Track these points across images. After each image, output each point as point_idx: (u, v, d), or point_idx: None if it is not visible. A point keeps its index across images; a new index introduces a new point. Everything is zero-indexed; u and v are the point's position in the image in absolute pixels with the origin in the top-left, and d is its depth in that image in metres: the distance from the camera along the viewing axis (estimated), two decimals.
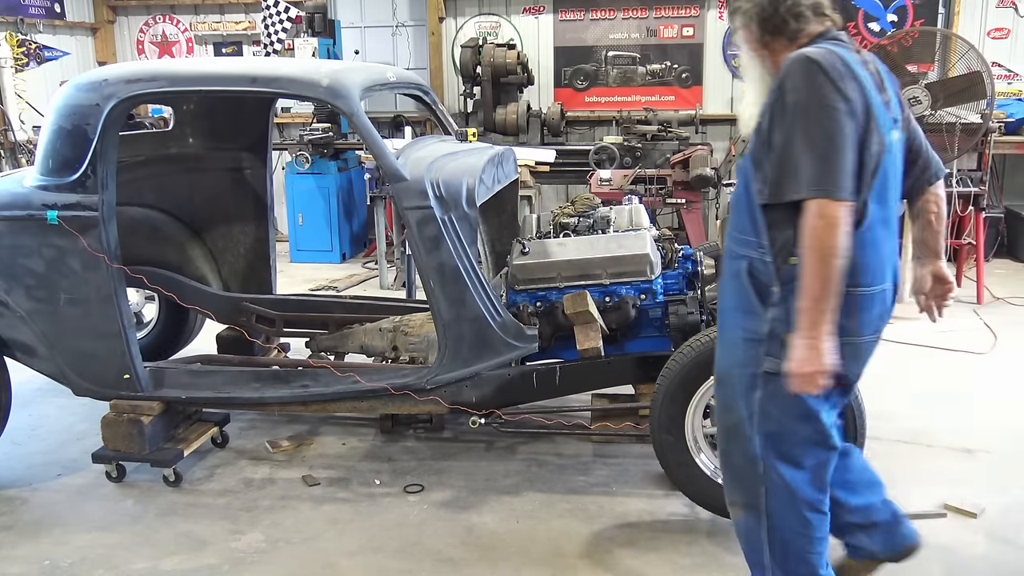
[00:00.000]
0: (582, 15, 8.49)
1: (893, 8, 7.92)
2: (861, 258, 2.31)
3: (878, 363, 4.89)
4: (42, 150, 3.61)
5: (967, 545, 3.23)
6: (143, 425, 3.71)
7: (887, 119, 2.30)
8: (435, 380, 3.61)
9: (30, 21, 8.41)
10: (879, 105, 2.27)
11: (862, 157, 2.24)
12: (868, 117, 2.23)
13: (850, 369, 2.38)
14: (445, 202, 3.46)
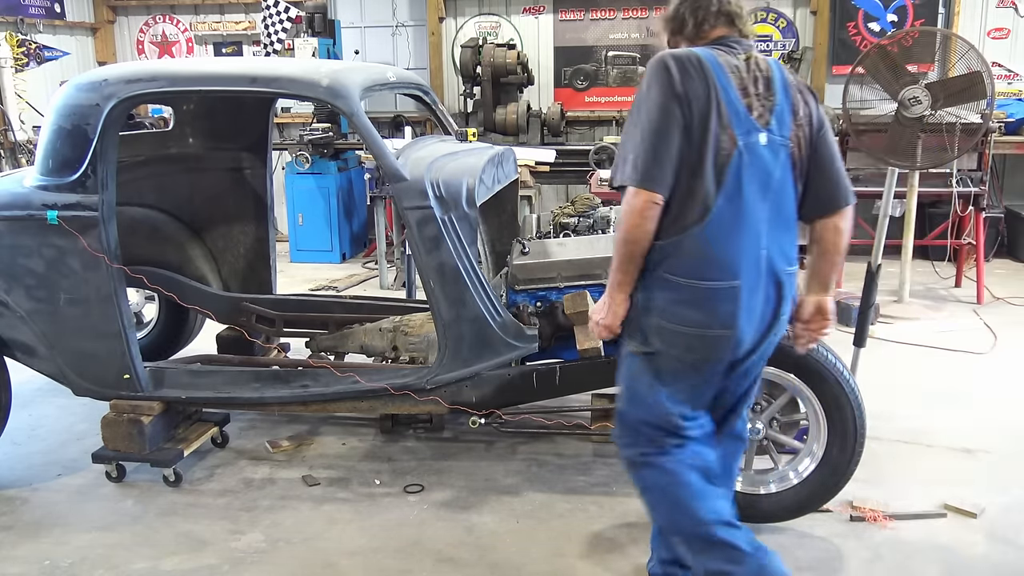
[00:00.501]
0: (582, 15, 8.49)
1: (893, 8, 7.92)
2: (705, 253, 2.40)
3: (878, 363, 4.93)
4: (42, 150, 3.61)
5: (967, 545, 3.23)
6: (143, 425, 3.71)
7: (746, 121, 2.38)
8: (435, 380, 3.61)
9: (30, 21, 8.41)
10: (733, 106, 2.36)
11: (701, 153, 2.34)
12: (710, 116, 2.34)
13: (686, 354, 2.48)
14: (445, 202, 3.46)
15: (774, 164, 2.43)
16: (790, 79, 2.50)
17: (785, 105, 2.44)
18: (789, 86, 2.47)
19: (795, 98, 2.47)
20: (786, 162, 2.45)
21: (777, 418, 3.26)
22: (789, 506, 3.24)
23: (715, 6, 2.49)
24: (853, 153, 6.60)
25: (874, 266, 4.01)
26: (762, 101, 2.41)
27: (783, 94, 2.45)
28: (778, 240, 2.50)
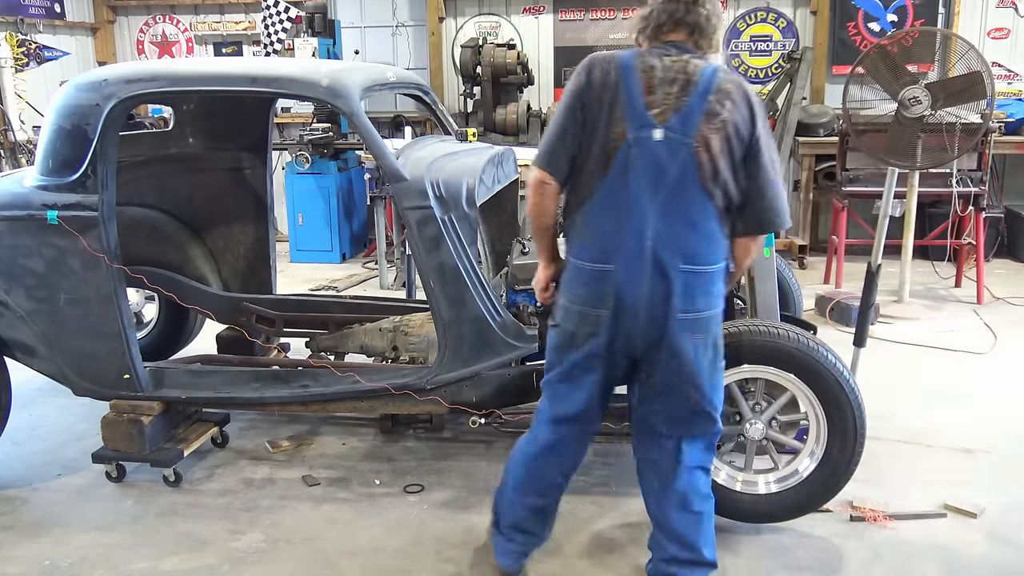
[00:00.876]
0: (582, 15, 8.49)
1: (893, 8, 7.93)
2: (579, 235, 2.70)
3: (878, 363, 4.93)
4: (42, 150, 3.61)
5: (967, 545, 3.23)
6: (143, 425, 3.71)
7: (642, 117, 2.55)
8: (435, 380, 3.61)
9: (30, 21, 8.41)
10: (632, 102, 2.56)
11: (592, 143, 2.60)
12: (605, 111, 2.57)
13: (574, 329, 2.70)
14: (445, 202, 3.47)
15: (669, 160, 2.55)
16: (725, 88, 2.56)
17: (696, 106, 2.54)
18: (713, 92, 2.55)
19: (715, 103, 2.55)
20: (687, 161, 2.55)
21: (777, 418, 3.26)
22: (789, 506, 3.24)
23: (680, 14, 2.62)
24: (853, 153, 6.60)
25: (874, 266, 4.01)
26: (668, 100, 2.55)
27: (699, 97, 2.54)
28: (671, 236, 2.58)
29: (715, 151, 2.55)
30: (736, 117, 2.56)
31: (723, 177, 2.58)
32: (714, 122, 2.54)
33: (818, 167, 7.72)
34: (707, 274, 2.61)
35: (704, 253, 2.60)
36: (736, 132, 2.57)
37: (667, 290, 2.58)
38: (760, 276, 3.43)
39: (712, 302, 2.64)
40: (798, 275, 5.48)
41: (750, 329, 3.12)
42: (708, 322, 2.65)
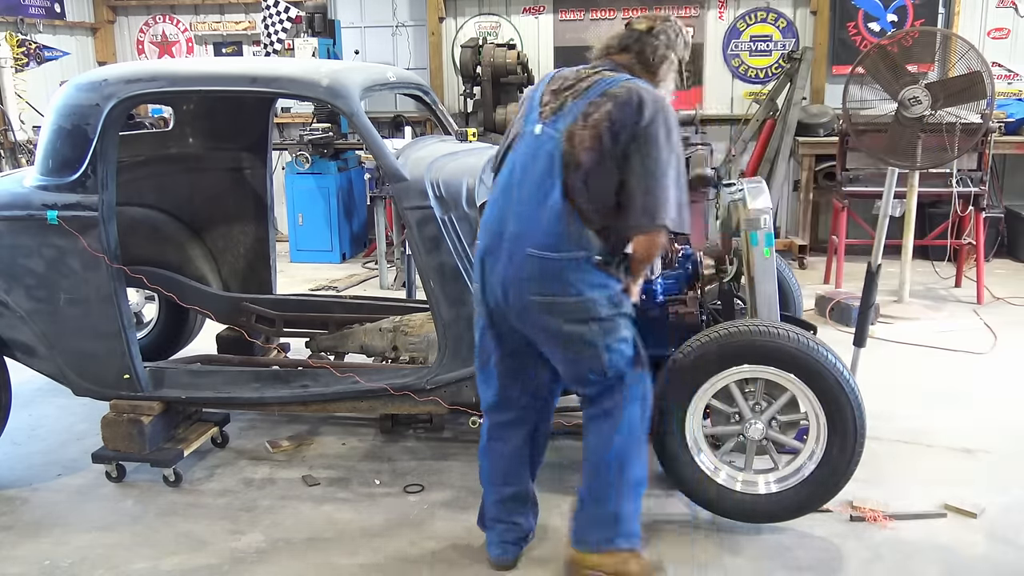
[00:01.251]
0: (582, 15, 8.49)
1: (893, 8, 7.92)
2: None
3: (878, 363, 4.93)
4: (42, 150, 3.62)
5: (967, 545, 3.23)
6: (143, 425, 3.71)
7: (533, 115, 2.87)
8: (435, 380, 3.61)
9: (30, 21, 8.41)
10: (533, 104, 2.89)
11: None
12: (519, 113, 2.97)
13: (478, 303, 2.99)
14: (445, 202, 3.47)
15: (537, 151, 2.79)
16: (614, 92, 2.72)
17: (577, 107, 2.75)
18: (598, 96, 2.74)
19: (594, 103, 2.72)
20: (552, 152, 2.74)
21: (777, 418, 3.26)
22: (789, 506, 3.24)
23: (628, 41, 2.88)
24: (853, 153, 6.60)
25: (874, 266, 4.01)
26: (557, 102, 2.80)
27: (583, 100, 2.75)
28: (526, 220, 2.78)
29: (580, 145, 2.71)
30: (615, 116, 2.69)
31: (587, 171, 2.71)
32: (589, 119, 2.71)
33: (818, 167, 7.72)
34: (558, 261, 2.73)
35: (555, 242, 2.73)
36: (610, 129, 2.69)
37: (518, 274, 2.78)
38: (760, 276, 3.43)
39: (570, 289, 2.74)
40: (798, 275, 5.48)
41: (750, 329, 3.12)
42: (568, 306, 2.76)
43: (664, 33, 2.88)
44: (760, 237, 3.38)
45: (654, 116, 2.71)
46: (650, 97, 2.73)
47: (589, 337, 2.80)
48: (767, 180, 7.15)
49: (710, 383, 3.19)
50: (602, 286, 2.78)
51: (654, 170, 2.70)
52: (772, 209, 3.42)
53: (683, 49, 2.95)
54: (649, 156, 2.70)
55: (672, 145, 2.73)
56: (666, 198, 2.70)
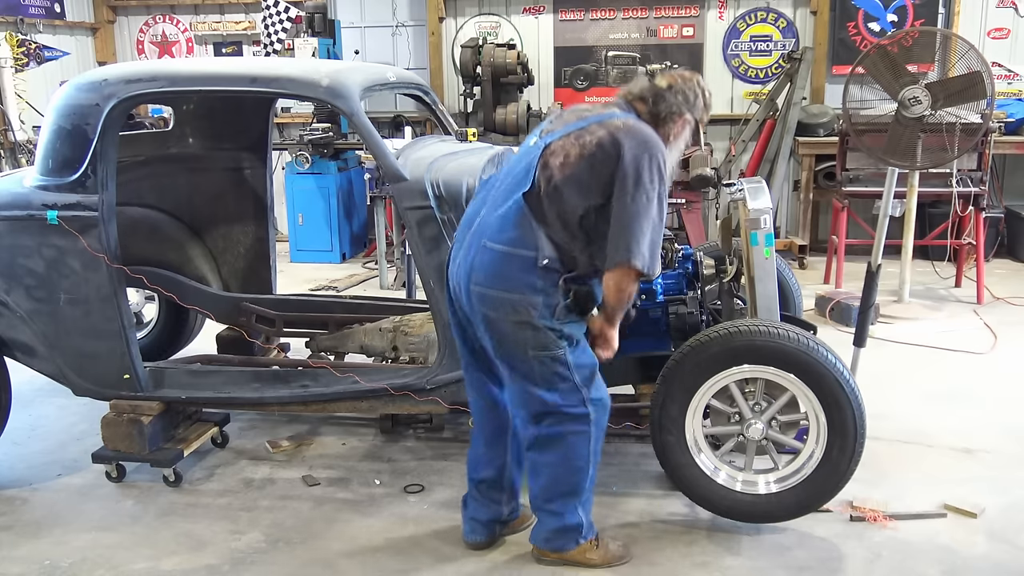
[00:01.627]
0: (582, 15, 8.49)
1: (893, 8, 7.92)
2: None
3: (878, 363, 4.93)
4: (42, 150, 3.61)
5: (967, 545, 3.23)
6: (143, 425, 3.71)
7: (536, 131, 3.02)
8: (435, 380, 3.61)
9: (30, 21, 8.41)
10: (542, 124, 3.03)
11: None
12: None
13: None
14: (445, 202, 3.47)
15: (523, 157, 2.92)
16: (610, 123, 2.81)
17: (572, 127, 2.85)
18: (596, 122, 2.83)
19: (587, 131, 2.81)
20: (534, 159, 2.83)
21: (777, 418, 3.25)
22: (789, 506, 3.24)
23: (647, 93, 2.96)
24: (853, 153, 6.60)
25: (874, 266, 4.01)
26: (562, 122, 2.92)
27: (581, 123, 2.85)
28: (489, 215, 2.90)
29: (562, 158, 2.79)
30: (604, 143, 2.77)
31: (558, 185, 2.78)
32: (577, 140, 2.79)
33: (818, 167, 7.72)
34: (504, 255, 2.81)
35: (507, 237, 2.81)
36: (594, 156, 2.77)
37: (471, 264, 2.87)
38: (760, 276, 3.43)
39: (509, 284, 2.80)
40: (798, 275, 5.48)
41: (750, 329, 3.12)
42: (504, 302, 2.81)
43: (682, 92, 2.93)
44: (760, 237, 3.38)
45: (639, 156, 2.75)
46: (642, 137, 2.79)
47: (522, 341, 2.85)
48: (767, 180, 7.16)
49: (710, 383, 3.19)
50: (542, 291, 2.81)
51: (631, 209, 2.76)
52: (772, 209, 3.42)
53: (701, 110, 3.00)
54: (628, 194, 2.75)
55: (654, 188, 2.78)
56: (639, 238, 2.76)
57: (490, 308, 2.85)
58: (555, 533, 3.10)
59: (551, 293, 2.82)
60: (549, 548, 3.12)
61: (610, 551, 3.13)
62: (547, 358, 2.87)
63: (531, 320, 2.81)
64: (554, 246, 2.81)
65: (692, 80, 2.98)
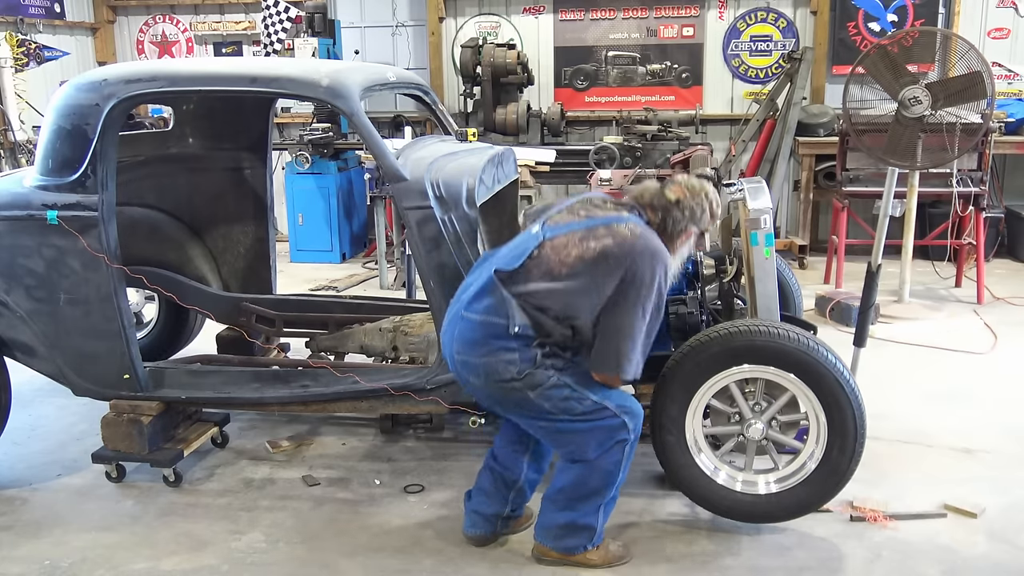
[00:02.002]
0: (582, 15, 8.49)
1: (893, 8, 7.92)
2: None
3: (878, 363, 4.93)
4: (42, 150, 3.61)
5: (967, 545, 3.23)
6: (143, 425, 3.71)
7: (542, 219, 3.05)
8: (435, 380, 3.61)
9: (30, 21, 8.41)
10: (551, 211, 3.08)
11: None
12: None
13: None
14: (445, 202, 3.46)
15: (520, 244, 2.98)
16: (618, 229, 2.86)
17: (571, 227, 2.91)
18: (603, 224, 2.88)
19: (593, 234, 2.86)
20: (529, 247, 2.91)
21: (777, 418, 3.25)
22: (789, 506, 3.24)
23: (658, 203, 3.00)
24: (853, 153, 6.60)
25: (874, 266, 4.01)
26: (570, 217, 2.97)
27: (580, 224, 2.90)
28: (473, 287, 2.99)
29: (559, 257, 2.85)
30: (610, 258, 2.81)
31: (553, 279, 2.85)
32: (582, 241, 2.85)
33: (818, 167, 7.72)
34: (479, 322, 2.90)
35: (483, 305, 2.90)
36: (595, 264, 2.82)
37: (453, 333, 2.98)
38: (760, 276, 3.43)
39: (485, 350, 2.88)
40: (798, 275, 5.48)
41: (750, 329, 3.12)
42: (481, 368, 2.90)
43: (690, 208, 2.98)
44: (760, 237, 3.38)
45: (643, 271, 2.81)
46: (650, 250, 2.85)
47: (517, 395, 2.91)
48: (767, 180, 7.16)
49: (710, 383, 3.19)
50: (517, 350, 2.87)
51: (627, 320, 2.83)
52: (772, 209, 3.42)
53: (708, 222, 3.06)
54: (627, 305, 2.82)
55: (651, 301, 2.84)
56: (629, 352, 2.84)
57: (473, 375, 2.95)
58: (565, 530, 3.07)
59: (525, 349, 2.89)
60: (555, 547, 3.11)
61: (610, 551, 3.13)
62: (549, 391, 2.90)
63: (513, 376, 2.88)
64: (527, 317, 2.88)
65: (700, 194, 3.02)
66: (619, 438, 2.94)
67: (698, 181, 3.07)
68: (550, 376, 2.89)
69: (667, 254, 2.90)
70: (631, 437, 2.97)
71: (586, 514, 3.04)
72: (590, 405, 2.91)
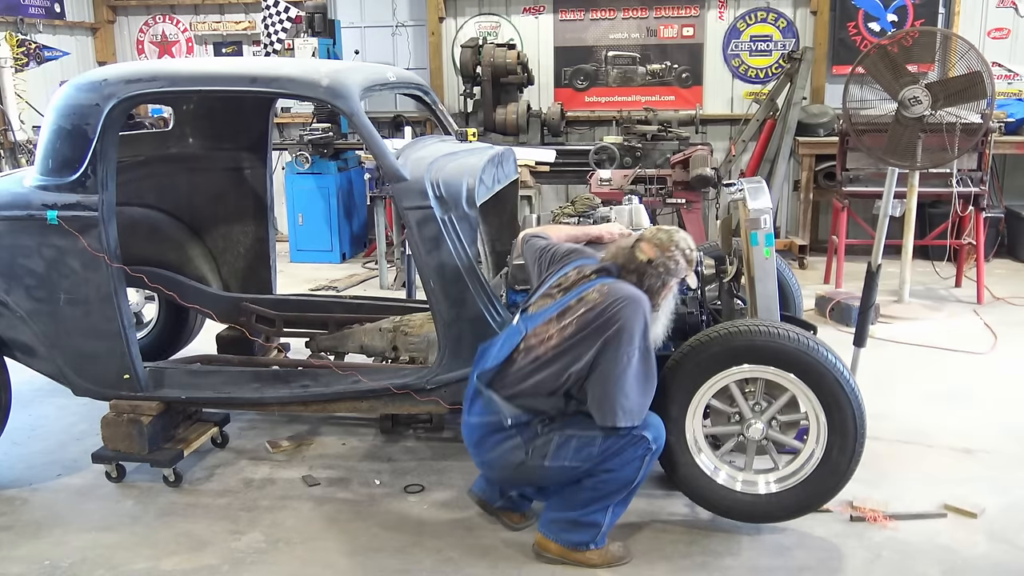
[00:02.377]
0: (582, 15, 8.49)
1: (893, 8, 7.92)
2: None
3: (878, 363, 4.93)
4: (42, 150, 3.61)
5: (967, 545, 3.23)
6: (143, 425, 3.71)
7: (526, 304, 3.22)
8: (435, 380, 3.61)
9: (30, 21, 8.41)
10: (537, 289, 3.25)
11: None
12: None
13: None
14: (445, 202, 3.46)
15: (506, 340, 3.08)
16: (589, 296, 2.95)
17: (545, 313, 3.01)
18: (575, 298, 2.98)
19: (569, 310, 2.95)
20: (513, 343, 3.02)
21: (777, 418, 3.25)
22: (789, 506, 3.24)
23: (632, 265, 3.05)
24: (853, 153, 6.60)
25: (874, 266, 4.01)
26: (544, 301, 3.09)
27: (553, 308, 3.00)
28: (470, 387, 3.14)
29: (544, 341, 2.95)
30: (588, 321, 2.90)
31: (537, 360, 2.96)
32: (560, 322, 2.95)
33: (818, 167, 7.71)
34: (478, 425, 3.06)
35: (477, 408, 3.07)
36: (574, 336, 2.91)
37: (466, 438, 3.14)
38: (760, 276, 3.43)
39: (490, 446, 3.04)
40: (798, 275, 5.48)
41: (750, 329, 3.12)
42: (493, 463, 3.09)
43: (663, 265, 3.02)
44: (760, 237, 3.38)
45: (614, 322, 2.89)
46: (623, 300, 2.91)
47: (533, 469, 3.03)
48: (767, 180, 7.16)
49: (710, 383, 3.19)
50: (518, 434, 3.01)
51: (609, 375, 2.90)
52: (772, 209, 3.42)
53: (684, 269, 3.09)
54: (609, 362, 2.89)
55: (634, 347, 2.90)
56: (622, 401, 2.91)
57: (493, 471, 3.16)
58: (570, 524, 3.10)
59: (525, 429, 3.01)
60: (558, 540, 3.12)
61: (610, 552, 3.13)
62: (559, 451, 2.99)
63: (523, 459, 3.01)
64: (515, 406, 3.00)
65: (670, 247, 3.04)
66: (640, 452, 2.99)
67: (666, 233, 3.09)
68: (552, 438, 2.98)
69: (639, 296, 2.95)
70: (653, 447, 3.00)
71: (594, 512, 3.06)
72: (602, 440, 2.96)
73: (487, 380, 3.06)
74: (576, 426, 2.99)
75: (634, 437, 2.96)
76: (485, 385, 3.06)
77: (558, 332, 2.95)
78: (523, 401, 3.00)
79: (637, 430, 2.96)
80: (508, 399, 3.00)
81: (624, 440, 2.96)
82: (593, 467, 2.99)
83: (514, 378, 3.01)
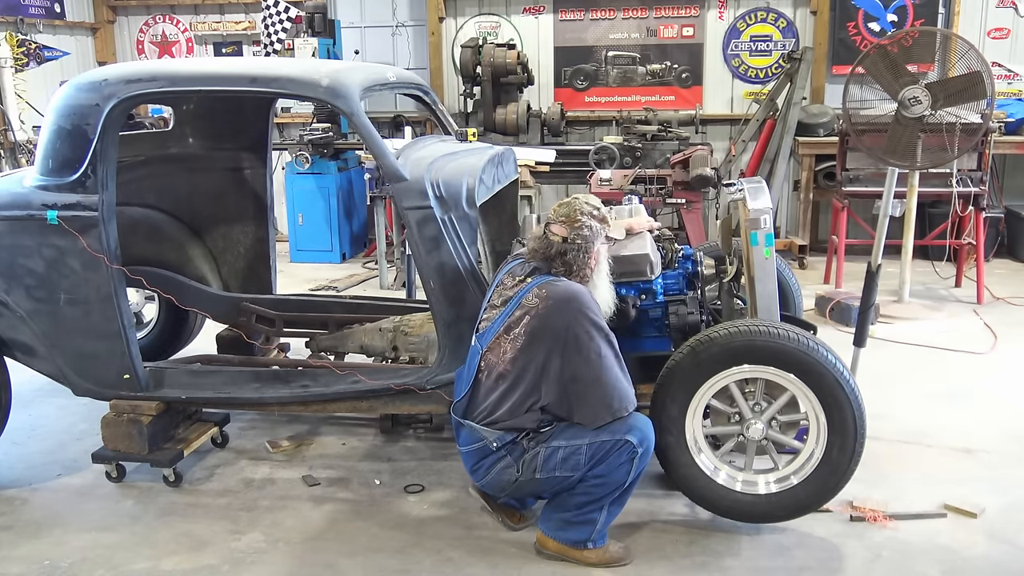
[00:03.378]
0: (582, 15, 8.49)
1: (893, 8, 7.92)
2: None
3: (878, 363, 4.93)
4: (42, 150, 3.61)
5: (967, 545, 3.23)
6: (143, 425, 3.71)
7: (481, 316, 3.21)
8: (435, 380, 3.61)
9: (30, 21, 8.41)
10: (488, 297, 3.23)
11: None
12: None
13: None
14: (445, 202, 3.47)
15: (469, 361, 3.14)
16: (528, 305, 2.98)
17: (493, 328, 3.04)
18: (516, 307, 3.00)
19: (513, 319, 2.99)
20: (474, 365, 3.07)
21: (777, 418, 3.25)
22: (789, 506, 3.24)
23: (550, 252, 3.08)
24: (853, 153, 6.60)
25: (874, 266, 4.01)
26: (489, 315, 3.12)
27: (499, 320, 3.03)
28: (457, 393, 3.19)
29: (500, 357, 2.99)
30: (535, 334, 2.94)
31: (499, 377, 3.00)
32: (509, 334, 2.98)
33: (818, 167, 7.71)
34: (470, 452, 3.11)
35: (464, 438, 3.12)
36: (526, 347, 2.95)
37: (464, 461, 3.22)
38: (760, 276, 3.43)
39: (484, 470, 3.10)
40: (798, 275, 5.48)
41: (750, 329, 3.12)
42: (491, 485, 3.14)
43: (579, 237, 3.05)
44: (760, 237, 3.38)
45: (566, 326, 2.92)
46: (555, 308, 2.93)
47: (527, 483, 3.08)
48: (767, 180, 7.16)
49: (710, 383, 3.19)
50: (507, 455, 3.05)
51: (585, 375, 2.94)
52: (772, 209, 3.42)
53: (600, 231, 3.12)
54: (580, 367, 2.93)
55: (592, 339, 2.92)
56: (610, 394, 2.95)
57: (496, 491, 3.19)
58: (567, 522, 3.12)
59: (512, 447, 3.03)
60: (556, 537, 3.13)
61: (609, 552, 3.13)
62: (547, 463, 3.01)
63: (516, 477, 3.05)
64: (495, 427, 3.03)
65: (577, 218, 3.07)
66: (625, 457, 2.99)
67: (566, 206, 3.12)
68: (539, 451, 3.00)
69: (575, 291, 2.97)
70: (639, 450, 3.00)
71: (589, 511, 3.07)
72: (587, 449, 2.98)
73: (461, 412, 3.11)
74: (561, 437, 3.01)
75: (617, 443, 2.97)
76: (461, 417, 3.10)
77: (511, 346, 2.99)
78: (504, 424, 3.02)
79: (620, 434, 2.97)
80: (489, 426, 3.03)
81: (608, 446, 2.97)
82: (584, 474, 3.01)
83: (486, 401, 3.04)
